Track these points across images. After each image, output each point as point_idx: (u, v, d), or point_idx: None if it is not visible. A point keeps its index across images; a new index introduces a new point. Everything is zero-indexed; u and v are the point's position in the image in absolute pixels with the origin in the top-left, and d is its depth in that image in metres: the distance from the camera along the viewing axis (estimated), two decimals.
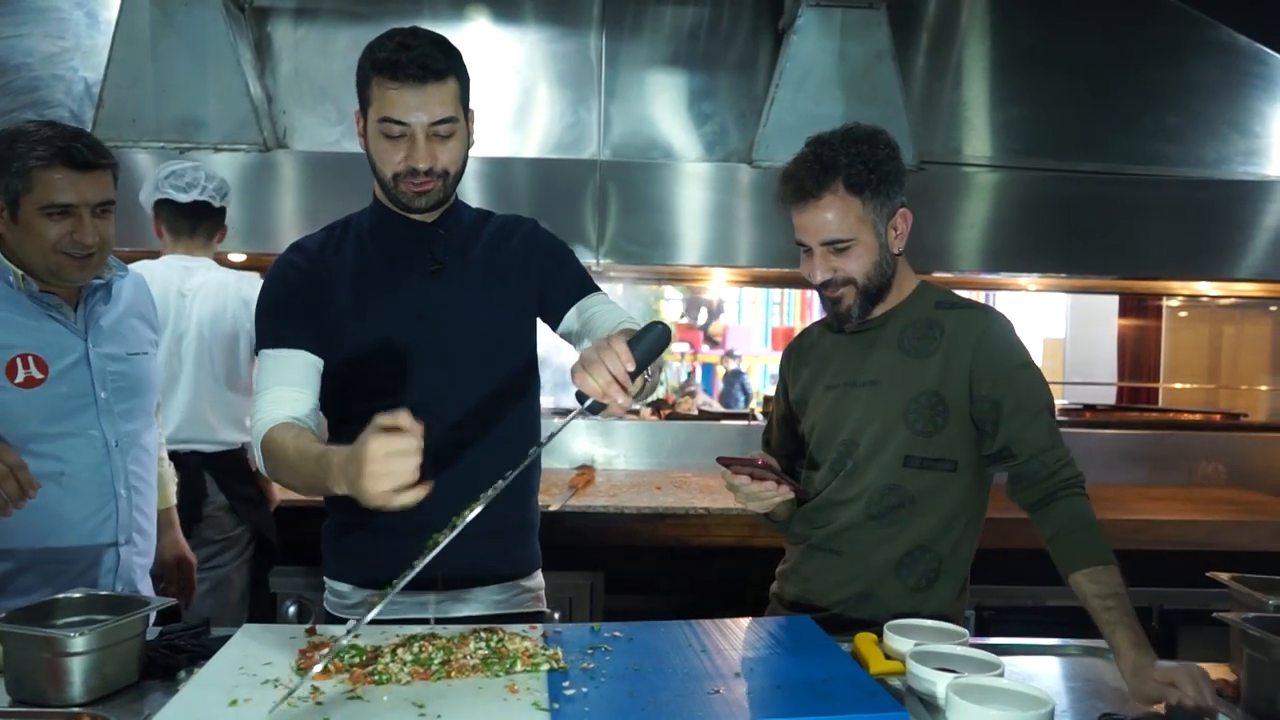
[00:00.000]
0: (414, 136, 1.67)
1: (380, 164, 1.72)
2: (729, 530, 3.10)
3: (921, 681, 1.44)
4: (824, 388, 1.96)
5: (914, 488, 1.83)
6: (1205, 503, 3.65)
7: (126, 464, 2.03)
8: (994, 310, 1.91)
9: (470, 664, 1.42)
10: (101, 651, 1.37)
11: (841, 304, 1.87)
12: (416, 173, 1.69)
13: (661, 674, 1.42)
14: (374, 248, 1.82)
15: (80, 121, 3.53)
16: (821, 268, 1.85)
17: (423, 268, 1.80)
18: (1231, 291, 4.37)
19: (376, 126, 1.69)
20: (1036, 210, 3.60)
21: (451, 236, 1.83)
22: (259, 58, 3.67)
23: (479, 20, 3.76)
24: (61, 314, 1.96)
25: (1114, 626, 1.55)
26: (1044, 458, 1.75)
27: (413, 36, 1.68)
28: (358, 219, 1.88)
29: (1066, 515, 1.71)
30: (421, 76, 1.64)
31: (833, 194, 1.79)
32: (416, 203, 1.74)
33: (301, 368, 1.74)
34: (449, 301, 1.79)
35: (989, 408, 1.79)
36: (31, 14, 3.60)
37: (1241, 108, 3.77)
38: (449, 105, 1.69)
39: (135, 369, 2.08)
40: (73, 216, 1.88)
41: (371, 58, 1.68)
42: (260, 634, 1.57)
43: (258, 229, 3.47)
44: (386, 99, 1.66)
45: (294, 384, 1.73)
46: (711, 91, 3.79)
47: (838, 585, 1.88)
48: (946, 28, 3.83)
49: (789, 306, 12.86)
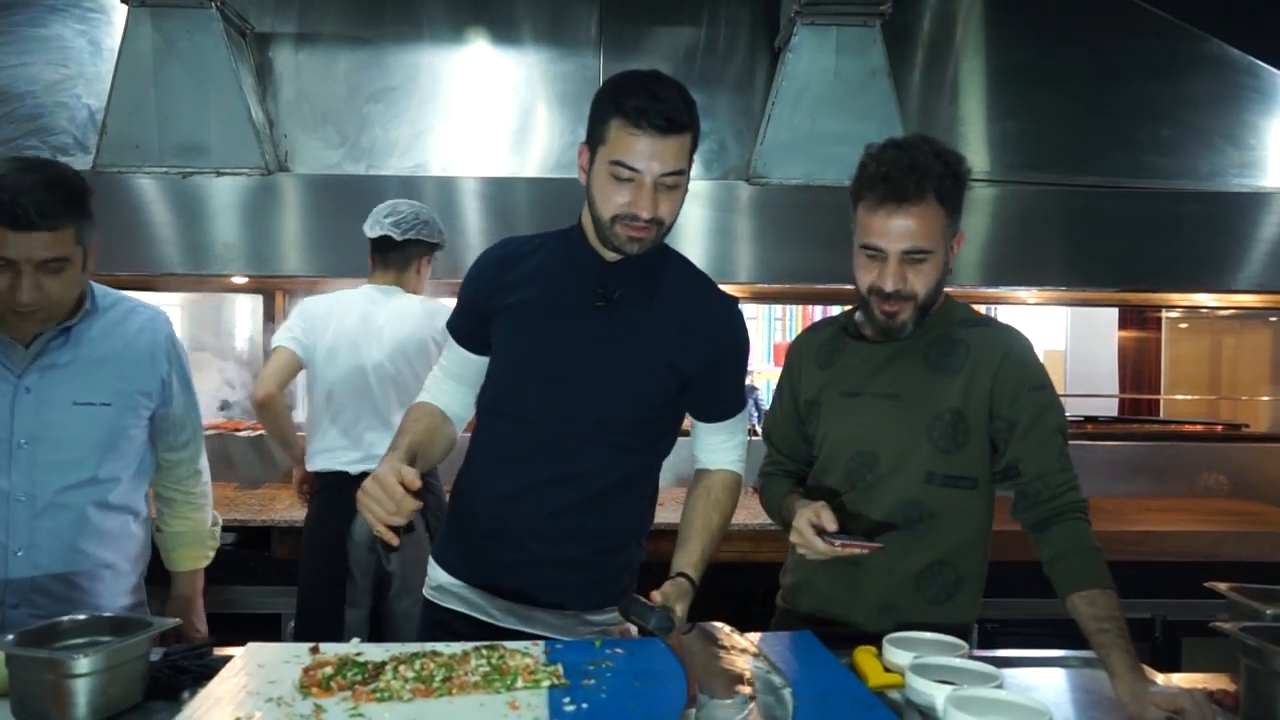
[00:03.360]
0: (643, 184, 1.67)
1: (601, 203, 1.72)
2: (731, 546, 3.10)
3: (920, 694, 1.45)
4: (840, 393, 1.92)
5: (935, 504, 1.82)
6: (1207, 514, 3.65)
7: (37, 520, 1.86)
8: (1016, 331, 1.89)
9: (472, 680, 1.43)
10: (106, 673, 1.38)
11: (898, 318, 1.80)
12: (638, 219, 1.69)
13: (662, 689, 1.43)
14: (553, 272, 1.84)
15: (84, 148, 3.57)
16: (895, 276, 1.76)
17: (588, 300, 1.80)
18: (1230, 303, 4.38)
19: (607, 167, 1.68)
20: (1034, 224, 3.61)
21: (632, 279, 1.81)
22: (260, 82, 3.71)
23: (478, 42, 3.80)
24: (6, 352, 1.84)
25: (1109, 649, 1.55)
26: (1050, 479, 1.75)
27: (660, 85, 1.68)
28: (555, 237, 1.89)
29: (1067, 539, 1.71)
30: (665, 129, 1.64)
31: (925, 202, 1.73)
32: (628, 247, 1.73)
33: (462, 363, 1.92)
34: (598, 339, 1.79)
35: (1005, 427, 1.79)
36: (35, 42, 3.65)
37: (1236, 121, 3.80)
38: (682, 158, 1.70)
39: (80, 420, 1.89)
40: (12, 271, 1.73)
41: (615, 98, 1.67)
42: (264, 653, 1.58)
43: (260, 252, 3.49)
44: (624, 143, 1.66)
45: (454, 377, 1.94)
46: (709, 110, 3.81)
47: (859, 598, 1.86)
48: (941, 44, 3.87)
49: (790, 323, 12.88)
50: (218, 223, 3.48)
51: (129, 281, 3.59)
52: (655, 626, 1.65)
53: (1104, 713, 1.53)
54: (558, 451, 1.79)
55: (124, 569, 2.02)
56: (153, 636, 1.48)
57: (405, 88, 3.76)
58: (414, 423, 1.86)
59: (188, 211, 3.43)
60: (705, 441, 1.95)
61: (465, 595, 1.87)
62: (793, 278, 3.63)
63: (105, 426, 1.93)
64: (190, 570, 2.22)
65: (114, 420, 1.95)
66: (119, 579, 2.01)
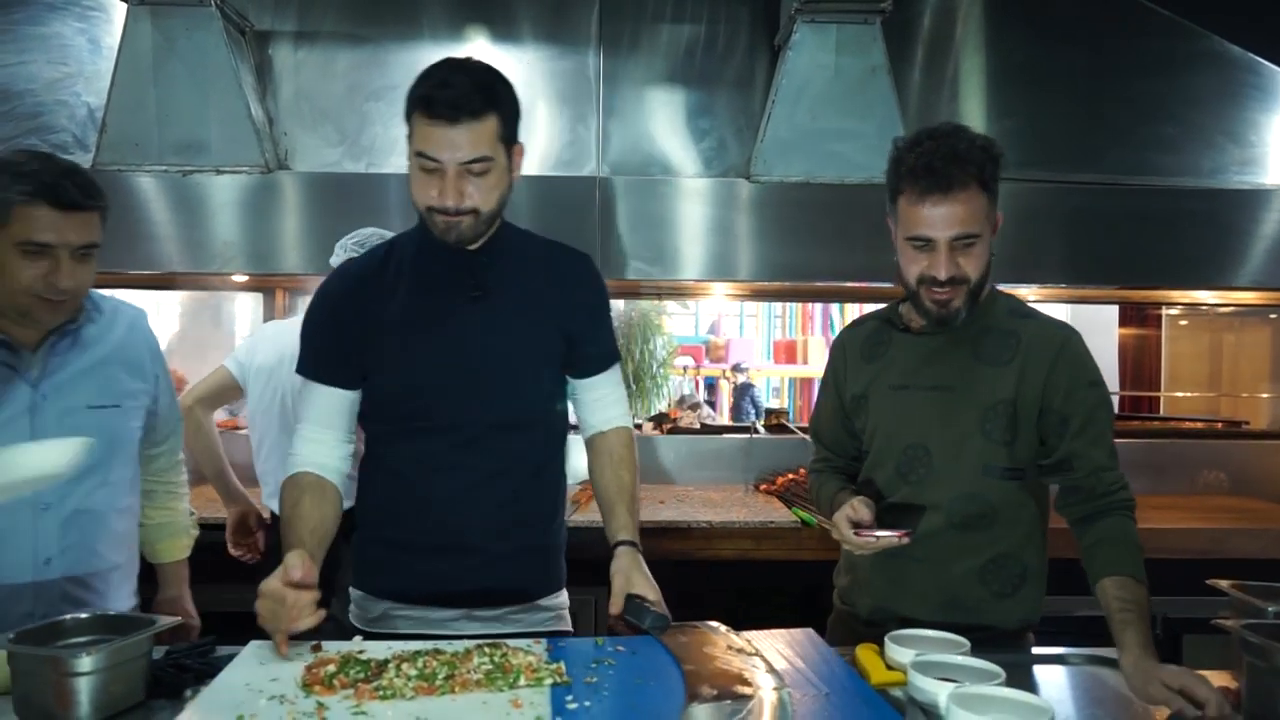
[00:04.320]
0: (445, 173, 1.68)
1: (415, 195, 1.73)
2: (732, 544, 3.11)
3: (923, 691, 1.45)
4: (889, 387, 1.92)
5: (996, 498, 1.82)
6: (1207, 511, 3.65)
7: (62, 530, 1.85)
8: (1069, 326, 1.89)
9: (474, 678, 1.43)
10: (108, 671, 1.38)
11: (951, 304, 1.79)
12: (447, 210, 1.70)
13: (664, 688, 1.43)
14: (416, 273, 1.84)
15: (84, 146, 3.56)
16: (947, 263, 1.76)
17: (463, 294, 1.81)
18: (1231, 300, 4.38)
19: (415, 159, 1.70)
20: (1035, 222, 3.61)
21: (493, 263, 1.83)
22: (260, 80, 3.70)
23: (477, 40, 3.80)
24: (15, 359, 1.82)
25: (1126, 626, 1.58)
26: (1104, 476, 1.78)
27: (455, 72, 1.68)
28: (403, 241, 1.89)
29: (1113, 530, 1.74)
30: (453, 117, 1.64)
31: (969, 189, 1.75)
32: (446, 236, 1.74)
33: (335, 406, 1.83)
34: (487, 327, 1.81)
35: (1057, 421, 1.79)
36: (34, 40, 3.64)
37: (1236, 118, 3.80)
38: (483, 144, 1.68)
39: (98, 423, 1.88)
40: (50, 258, 1.74)
41: (414, 90, 1.69)
42: (266, 651, 1.58)
43: (260, 250, 3.49)
44: (421, 133, 1.67)
45: (326, 424, 1.83)
46: (709, 108, 3.81)
47: (921, 594, 1.86)
48: (941, 42, 3.86)
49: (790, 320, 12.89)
50: (217, 221, 3.47)
51: (129, 280, 3.60)
52: (651, 626, 1.67)
53: (1105, 710, 1.53)
54: (484, 447, 1.79)
55: (129, 569, 2.04)
56: (154, 635, 1.48)
57: (405, 86, 3.64)
58: (295, 510, 1.76)
59: (187, 210, 3.43)
60: (590, 399, 1.95)
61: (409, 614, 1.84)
62: (793, 275, 3.63)
63: (116, 428, 1.95)
64: (175, 561, 2.23)
65: (123, 421, 1.97)
66: (125, 579, 2.02)
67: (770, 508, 3.39)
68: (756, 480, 3.84)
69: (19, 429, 1.80)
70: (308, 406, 1.85)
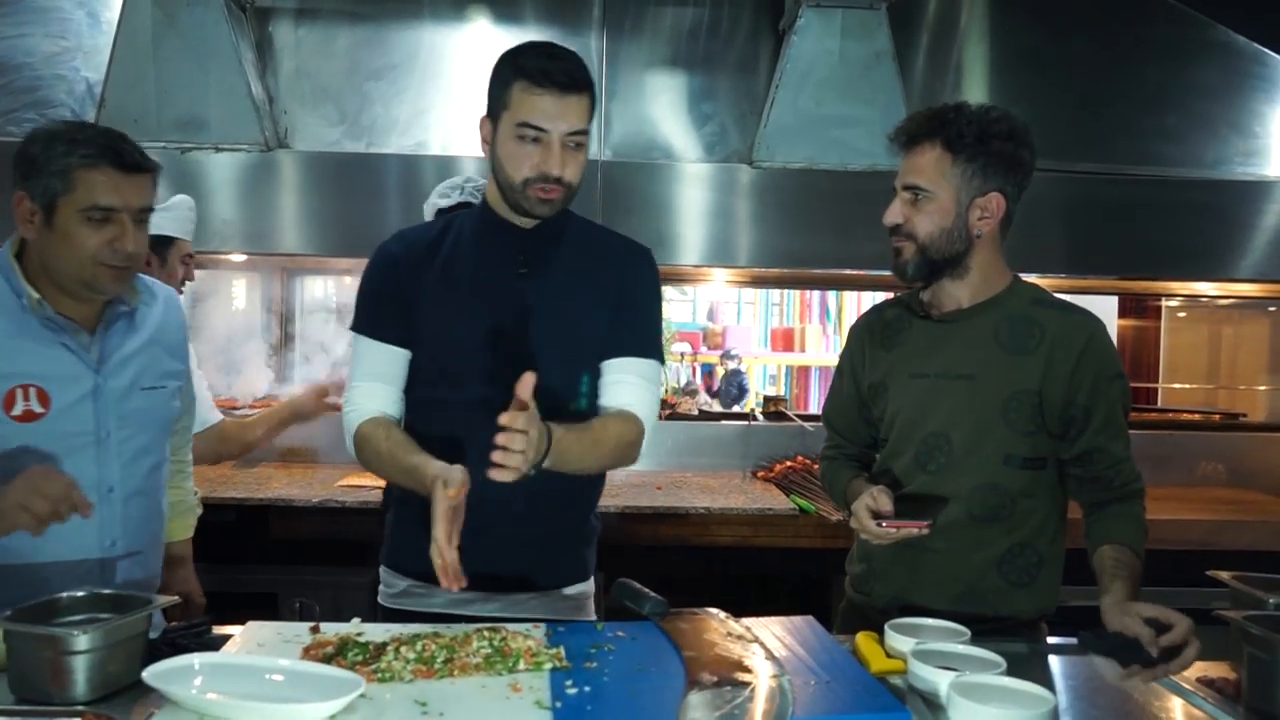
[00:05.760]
0: (550, 144, 1.70)
1: (510, 168, 1.73)
2: (729, 530, 3.11)
3: (923, 680, 1.44)
4: (908, 375, 1.91)
5: (1016, 488, 1.82)
6: (1205, 502, 3.65)
7: (124, 511, 1.86)
8: (1095, 315, 1.87)
9: (473, 662, 1.43)
10: (105, 650, 1.37)
11: (900, 256, 1.85)
12: (548, 179, 1.71)
13: (664, 673, 1.43)
14: (469, 246, 1.85)
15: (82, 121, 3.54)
16: (894, 211, 1.84)
17: (512, 270, 1.82)
18: (1230, 292, 4.37)
19: (512, 130, 1.70)
20: (1036, 211, 3.55)
21: (546, 244, 1.84)
22: (260, 58, 3.67)
23: (479, 20, 3.77)
24: (75, 341, 1.79)
25: (1115, 578, 1.65)
26: (1122, 469, 1.81)
27: (556, 47, 1.73)
28: (462, 218, 1.92)
29: (1124, 511, 1.80)
30: (566, 86, 1.68)
31: (931, 145, 1.80)
32: (540, 209, 1.75)
33: (392, 362, 1.85)
34: (532, 305, 1.81)
35: (1080, 414, 1.79)
36: (33, 14, 3.61)
37: (1241, 108, 3.78)
38: (585, 118, 1.72)
39: (150, 404, 1.90)
40: (115, 223, 1.72)
41: (515, 63, 1.70)
42: (263, 631, 1.57)
43: (258, 229, 3.48)
44: (528, 104, 1.68)
45: (384, 379, 1.84)
46: (712, 92, 3.79)
47: (939, 583, 1.85)
48: (946, 28, 3.84)
49: (788, 308, 12.87)
50: (216, 199, 3.46)
51: None
52: (649, 612, 1.67)
53: (1103, 699, 1.53)
54: None
55: (161, 546, 2.05)
56: (152, 613, 1.48)
57: (406, 65, 3.72)
58: (390, 439, 1.76)
59: (186, 187, 3.39)
60: (609, 380, 1.85)
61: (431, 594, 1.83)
62: (793, 262, 3.62)
63: (164, 408, 1.97)
64: (182, 540, 2.24)
65: (169, 401, 1.98)
66: (158, 556, 2.03)
67: (768, 495, 3.39)
68: (754, 467, 3.84)
69: (83, 413, 1.80)
70: (361, 363, 1.86)
